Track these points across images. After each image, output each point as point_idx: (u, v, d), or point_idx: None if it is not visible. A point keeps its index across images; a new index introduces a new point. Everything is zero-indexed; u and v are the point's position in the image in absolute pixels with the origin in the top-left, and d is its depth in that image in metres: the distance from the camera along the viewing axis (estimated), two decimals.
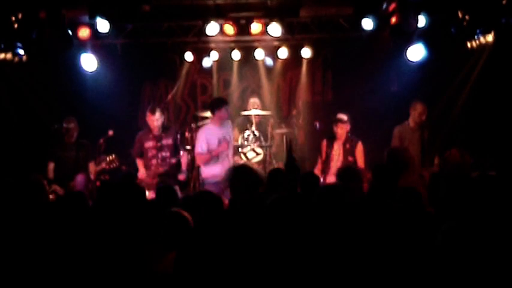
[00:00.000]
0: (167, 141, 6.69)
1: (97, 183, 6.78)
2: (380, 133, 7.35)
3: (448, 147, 5.69)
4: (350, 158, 6.72)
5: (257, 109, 7.84)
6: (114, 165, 6.76)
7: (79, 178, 6.64)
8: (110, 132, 6.83)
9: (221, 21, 7.65)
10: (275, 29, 7.55)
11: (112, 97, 8.41)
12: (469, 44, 7.03)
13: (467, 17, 6.41)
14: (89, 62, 7.74)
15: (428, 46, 6.95)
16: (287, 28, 7.76)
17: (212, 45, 8.34)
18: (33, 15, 6.60)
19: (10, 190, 4.35)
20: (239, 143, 7.53)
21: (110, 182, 6.87)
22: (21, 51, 6.95)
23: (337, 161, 6.72)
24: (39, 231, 3.65)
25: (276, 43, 8.31)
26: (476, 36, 6.76)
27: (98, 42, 7.83)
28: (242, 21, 7.72)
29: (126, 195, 4.01)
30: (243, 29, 7.81)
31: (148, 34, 8.04)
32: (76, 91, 8.21)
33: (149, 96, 9.14)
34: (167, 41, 8.22)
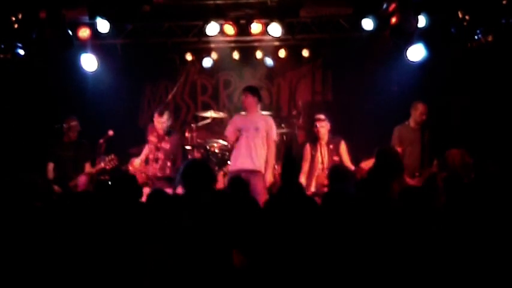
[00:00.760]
0: (166, 144, 6.66)
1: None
2: (380, 133, 7.35)
3: (448, 147, 5.69)
4: (335, 158, 6.74)
5: None
6: (113, 164, 6.75)
7: (81, 179, 6.64)
8: (110, 132, 6.83)
9: (221, 21, 7.66)
10: (275, 29, 7.55)
11: (112, 97, 8.42)
12: (469, 44, 7.02)
13: (467, 17, 6.41)
14: (89, 62, 7.74)
15: (428, 46, 6.94)
16: (287, 28, 7.77)
17: (212, 45, 8.35)
18: (33, 15, 6.60)
19: (9, 190, 4.34)
20: None
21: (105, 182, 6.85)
22: (21, 51, 6.95)
23: (322, 163, 6.73)
24: (38, 231, 3.64)
25: (276, 43, 8.32)
26: (476, 36, 6.75)
27: (98, 42, 7.82)
28: (242, 21, 7.72)
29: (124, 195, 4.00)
30: (243, 29, 7.81)
31: (148, 34, 8.04)
32: (76, 91, 8.21)
33: (149, 96, 9.14)
34: (167, 41, 8.22)
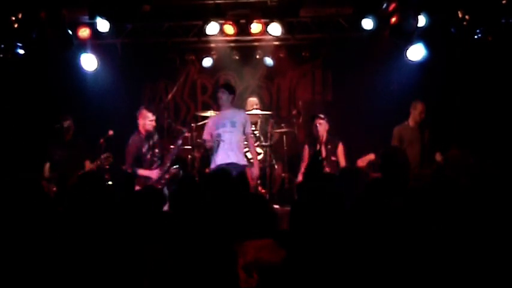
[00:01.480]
0: (155, 138, 6.70)
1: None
2: (380, 133, 7.35)
3: (448, 147, 5.69)
4: (333, 158, 6.82)
5: (256, 109, 7.85)
6: (108, 162, 6.74)
7: None
8: (110, 132, 6.82)
9: (221, 21, 7.66)
10: (275, 29, 7.56)
11: (112, 97, 8.41)
12: (469, 44, 7.02)
13: (467, 17, 6.41)
14: (89, 62, 7.74)
15: (428, 46, 6.94)
16: (287, 28, 7.77)
17: (212, 45, 8.35)
18: (33, 15, 6.60)
19: (8, 189, 4.34)
20: None
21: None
22: (21, 51, 6.95)
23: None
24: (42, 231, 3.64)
25: (276, 43, 8.32)
26: (476, 36, 6.75)
27: (98, 42, 7.84)
28: (242, 21, 7.73)
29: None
30: (243, 29, 7.83)
31: (148, 34, 8.05)
32: (76, 91, 8.20)
33: (149, 96, 9.14)
34: (167, 41, 8.23)
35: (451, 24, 6.59)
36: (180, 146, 6.74)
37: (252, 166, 6.39)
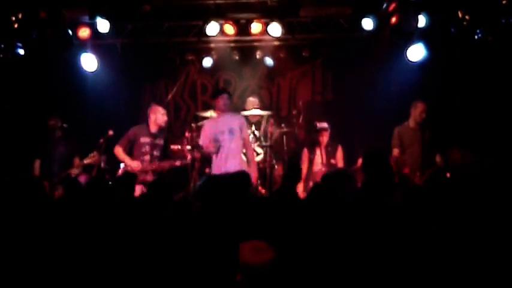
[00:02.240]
0: (160, 141, 6.73)
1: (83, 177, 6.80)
2: (380, 133, 7.34)
3: (448, 147, 5.69)
4: (333, 161, 6.94)
5: (256, 109, 7.84)
6: (94, 160, 6.74)
7: (82, 179, 6.64)
8: (110, 132, 6.82)
9: (221, 21, 7.67)
10: (275, 29, 7.56)
11: (112, 97, 8.41)
12: (469, 44, 7.02)
13: (467, 17, 6.41)
14: (89, 62, 7.74)
15: (428, 46, 6.94)
16: (287, 28, 7.77)
17: (212, 45, 8.35)
18: (33, 15, 6.62)
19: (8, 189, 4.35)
20: None
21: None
22: (21, 51, 6.95)
23: (319, 164, 6.94)
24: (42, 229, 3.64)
25: (276, 43, 8.32)
26: (476, 36, 6.75)
27: (98, 42, 7.83)
28: (242, 21, 7.73)
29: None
30: (243, 29, 7.82)
31: (148, 34, 8.04)
32: (76, 91, 8.20)
33: (149, 96, 9.14)
34: (167, 41, 8.22)
35: (451, 24, 6.59)
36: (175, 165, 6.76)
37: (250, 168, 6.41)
